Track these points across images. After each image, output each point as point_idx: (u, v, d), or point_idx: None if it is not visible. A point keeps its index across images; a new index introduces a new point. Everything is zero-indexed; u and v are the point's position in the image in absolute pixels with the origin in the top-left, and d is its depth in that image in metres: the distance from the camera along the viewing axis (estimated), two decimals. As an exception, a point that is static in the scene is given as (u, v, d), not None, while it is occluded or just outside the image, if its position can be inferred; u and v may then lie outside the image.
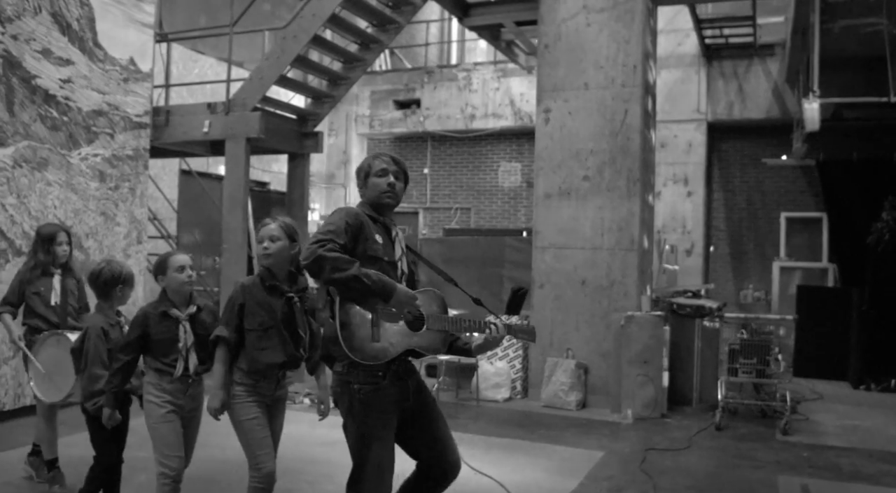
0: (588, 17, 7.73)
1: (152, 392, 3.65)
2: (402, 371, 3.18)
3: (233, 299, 3.53)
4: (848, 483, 5.39)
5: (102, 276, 3.92)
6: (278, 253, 3.55)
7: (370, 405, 3.07)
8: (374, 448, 3.08)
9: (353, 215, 3.17)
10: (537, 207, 8.03)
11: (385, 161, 3.33)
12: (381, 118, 15.86)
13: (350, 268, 2.94)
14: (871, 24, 10.14)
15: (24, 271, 4.94)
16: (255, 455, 3.47)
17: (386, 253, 3.21)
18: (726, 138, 13.80)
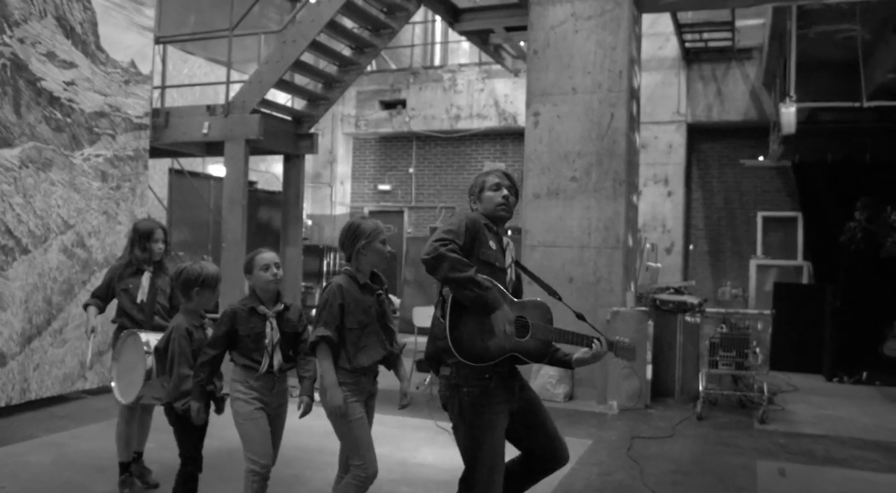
0: (576, 25, 8.03)
1: (240, 389, 3.69)
2: (508, 374, 3.28)
3: (331, 299, 3.51)
4: (821, 467, 5.74)
5: (182, 275, 3.85)
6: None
7: (479, 407, 3.17)
8: (485, 449, 3.17)
9: (472, 219, 3.29)
10: (526, 207, 8.31)
11: (498, 176, 3.44)
12: (366, 118, 16.09)
13: (467, 270, 3.06)
14: (845, 30, 10.55)
15: (117, 266, 4.86)
16: (363, 456, 3.50)
17: (497, 259, 3.31)
18: (705, 140, 14.17)
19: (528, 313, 3.27)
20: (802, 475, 5.52)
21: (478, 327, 3.13)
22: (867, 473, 5.63)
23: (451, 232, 3.17)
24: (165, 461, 4.72)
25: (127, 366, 4.29)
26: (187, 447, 3.83)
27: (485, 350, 3.13)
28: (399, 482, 4.99)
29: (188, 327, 3.78)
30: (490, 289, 3.09)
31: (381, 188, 16.64)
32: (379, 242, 3.61)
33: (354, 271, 3.60)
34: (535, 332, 3.23)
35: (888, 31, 10.44)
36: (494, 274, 3.24)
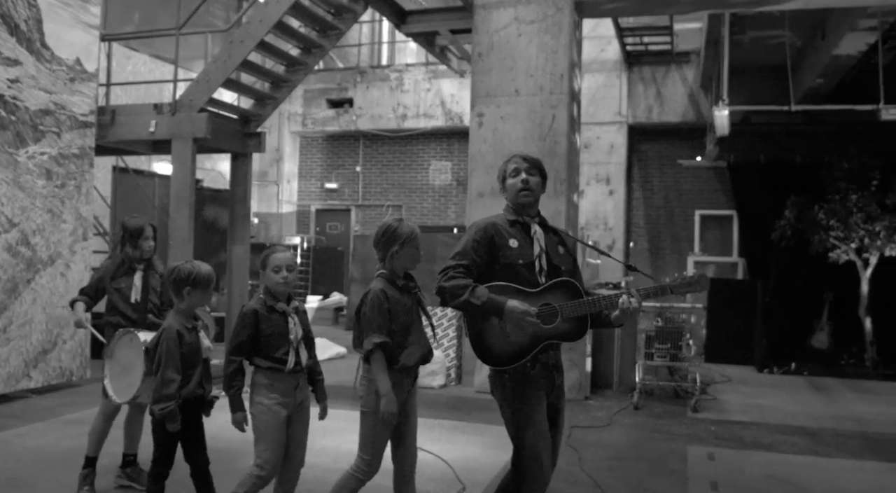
0: (519, 28, 8.26)
1: (263, 393, 3.62)
2: (551, 364, 3.37)
3: (378, 304, 3.48)
4: (748, 451, 6.07)
5: (173, 274, 3.72)
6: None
7: (522, 392, 3.28)
8: (530, 431, 3.26)
9: (480, 231, 3.37)
10: (471, 206, 8.51)
11: (516, 161, 3.47)
12: (313, 116, 16.15)
13: (463, 294, 3.19)
14: (777, 36, 11.01)
15: (107, 265, 4.78)
16: (372, 452, 3.53)
17: (521, 256, 3.34)
18: (646, 140, 14.59)
19: (554, 296, 3.28)
20: (730, 458, 5.84)
21: (499, 332, 3.25)
22: (790, 456, 5.98)
23: (457, 255, 3.32)
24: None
25: (123, 365, 4.23)
26: (163, 448, 3.71)
27: (516, 350, 3.24)
28: (337, 473, 5.13)
29: (179, 329, 3.67)
30: (485, 301, 3.18)
31: (328, 186, 16.71)
32: (413, 247, 3.59)
33: (390, 274, 3.59)
34: (563, 313, 3.26)
35: (817, 38, 10.94)
36: (517, 273, 3.30)
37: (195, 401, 3.72)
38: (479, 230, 3.37)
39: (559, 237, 3.53)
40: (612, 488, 5.00)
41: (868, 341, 10.43)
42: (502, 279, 3.29)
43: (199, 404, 3.75)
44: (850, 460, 5.92)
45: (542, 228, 3.46)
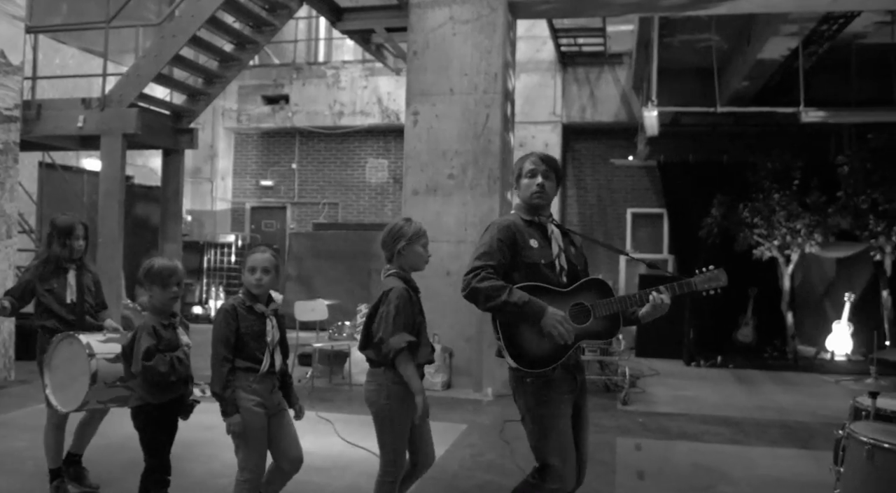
0: (454, 28, 8.35)
1: (243, 397, 3.52)
2: (573, 365, 3.32)
3: (402, 304, 3.47)
4: (674, 441, 6.28)
5: (146, 270, 3.64)
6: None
7: (544, 397, 3.21)
8: (552, 438, 3.19)
9: (503, 229, 3.30)
10: (406, 204, 8.56)
11: (533, 162, 3.40)
12: (248, 113, 15.96)
13: (501, 295, 3.10)
14: (704, 39, 11.34)
15: (36, 265, 4.51)
16: (397, 453, 3.54)
17: (542, 256, 3.31)
18: (579, 139, 14.83)
19: (585, 294, 3.26)
20: (657, 449, 6.03)
21: (534, 334, 3.17)
22: (714, 445, 6.21)
23: (483, 256, 3.23)
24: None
25: (66, 372, 4.06)
26: (155, 453, 3.62)
27: (549, 352, 3.17)
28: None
29: (155, 325, 3.58)
30: (527, 302, 3.11)
31: (263, 184, 16.55)
32: (420, 245, 3.59)
33: (403, 272, 3.60)
34: (596, 312, 3.23)
35: (743, 42, 11.31)
36: (540, 272, 3.26)
37: (174, 402, 3.64)
38: (501, 229, 3.30)
39: (569, 237, 3.50)
40: (543, 479, 5.12)
41: (790, 335, 10.85)
42: (526, 279, 3.24)
43: (177, 405, 3.66)
44: (770, 447, 6.17)
45: (556, 228, 3.43)
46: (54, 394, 4.11)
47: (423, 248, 3.61)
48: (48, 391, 4.13)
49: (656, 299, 3.26)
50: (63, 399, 4.06)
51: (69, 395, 4.02)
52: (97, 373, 3.91)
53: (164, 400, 3.60)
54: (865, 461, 3.36)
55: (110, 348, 4.03)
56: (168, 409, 3.62)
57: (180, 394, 3.66)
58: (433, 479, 5.11)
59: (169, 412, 3.62)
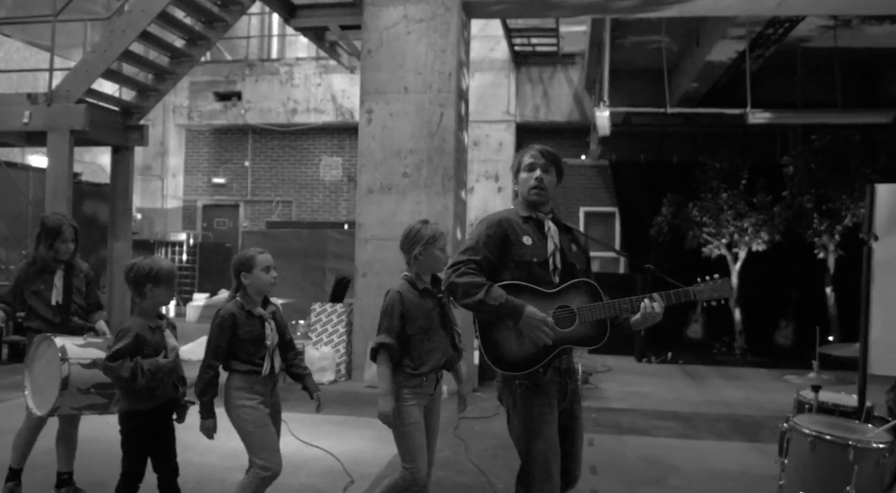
0: (408, 27, 8.35)
1: (244, 396, 3.55)
2: (564, 370, 3.19)
3: (392, 306, 3.48)
4: (626, 436, 6.39)
5: (132, 272, 3.53)
6: None
7: (532, 401, 3.09)
8: (539, 443, 3.07)
9: (494, 225, 3.18)
10: (360, 202, 8.54)
11: (532, 155, 3.28)
12: (200, 109, 15.76)
13: (478, 293, 2.98)
14: (655, 41, 11.51)
15: (22, 267, 4.40)
16: (413, 460, 3.48)
17: (535, 254, 3.17)
18: (533, 138, 14.83)
19: (573, 297, 3.13)
20: (609, 444, 6.12)
21: (514, 336, 3.06)
22: (664, 439, 6.34)
23: (467, 250, 3.13)
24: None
25: (41, 374, 3.97)
26: (133, 460, 3.51)
27: (529, 355, 3.06)
28: (234, 469, 5.10)
29: (139, 331, 3.48)
30: (503, 303, 2.98)
31: (215, 181, 16.36)
32: (437, 248, 3.56)
33: (414, 277, 3.56)
34: (582, 317, 3.09)
35: (692, 45, 11.51)
36: (531, 271, 3.13)
37: (167, 405, 3.57)
38: (491, 225, 3.19)
39: (572, 235, 3.36)
40: (497, 475, 5.16)
41: (737, 331, 11.10)
42: (515, 278, 3.11)
43: (171, 408, 3.59)
44: (719, 441, 6.32)
45: (556, 224, 3.29)
46: (32, 396, 3.99)
47: (440, 251, 3.57)
48: (27, 393, 4.02)
49: (647, 307, 3.09)
50: (39, 402, 3.95)
51: (41, 399, 3.92)
52: (68, 378, 3.77)
53: (151, 406, 3.50)
54: (808, 452, 3.47)
55: (88, 353, 3.88)
56: (158, 415, 3.54)
57: (171, 398, 3.58)
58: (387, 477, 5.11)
59: (158, 418, 3.55)
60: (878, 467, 3.41)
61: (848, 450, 3.35)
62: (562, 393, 3.19)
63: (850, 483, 3.30)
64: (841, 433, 3.47)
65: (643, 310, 3.10)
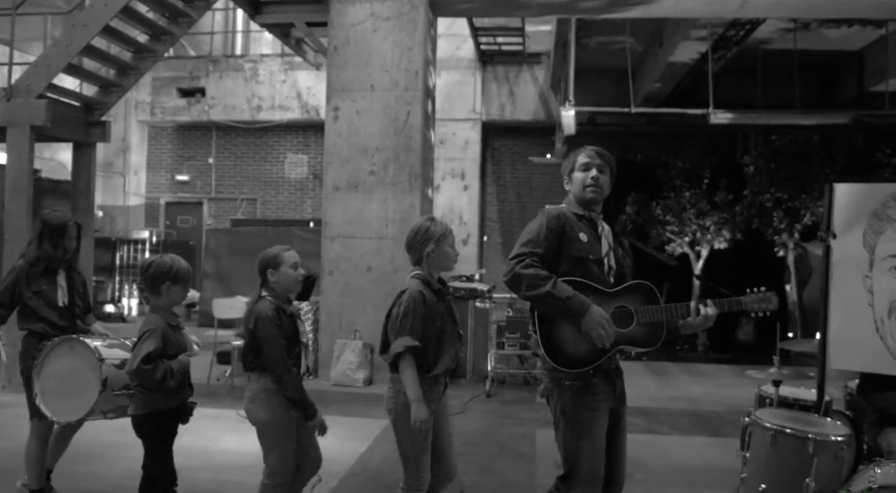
0: (375, 24, 8.34)
1: (276, 401, 3.43)
2: (613, 371, 3.18)
3: (414, 307, 3.33)
4: (590, 433, 6.46)
5: (151, 269, 3.42)
6: None
7: (581, 403, 3.05)
8: (586, 447, 3.03)
9: (553, 218, 3.13)
10: (327, 200, 8.53)
11: (588, 155, 3.25)
12: (163, 106, 15.57)
13: (545, 285, 2.94)
14: (620, 41, 11.64)
15: (22, 266, 4.17)
16: (419, 464, 3.37)
17: (591, 251, 3.14)
18: (499, 137, 15.01)
19: (630, 298, 3.12)
20: (574, 440, 6.19)
21: (572, 332, 3.02)
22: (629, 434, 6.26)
23: (529, 242, 3.07)
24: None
25: (64, 378, 3.80)
26: (162, 463, 3.43)
27: (585, 353, 3.03)
28: (200, 469, 5.08)
29: (164, 328, 3.38)
30: (571, 297, 2.95)
31: (178, 178, 16.17)
32: (447, 245, 3.45)
33: (427, 276, 3.44)
34: (639, 318, 3.10)
35: (656, 45, 11.66)
36: (588, 268, 3.11)
37: (177, 408, 3.48)
38: (551, 218, 3.13)
39: (619, 238, 3.36)
40: (466, 472, 5.18)
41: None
42: (571, 274, 3.07)
43: (179, 410, 3.49)
44: (682, 436, 6.42)
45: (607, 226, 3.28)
46: (46, 404, 3.81)
47: (450, 247, 3.47)
48: (38, 401, 3.83)
49: (704, 313, 3.15)
50: (59, 409, 3.78)
51: (68, 404, 3.76)
52: (108, 379, 3.68)
53: (171, 406, 3.43)
54: (769, 445, 3.54)
55: (116, 354, 3.80)
56: (174, 415, 3.47)
57: (183, 397, 3.50)
58: (355, 475, 5.13)
59: (174, 418, 3.47)
60: (837, 459, 3.49)
61: (807, 443, 3.43)
62: (611, 393, 3.17)
63: (810, 475, 3.38)
64: (801, 426, 3.55)
65: (701, 314, 3.15)
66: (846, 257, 3.90)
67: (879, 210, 3.84)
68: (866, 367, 4.02)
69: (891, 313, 3.80)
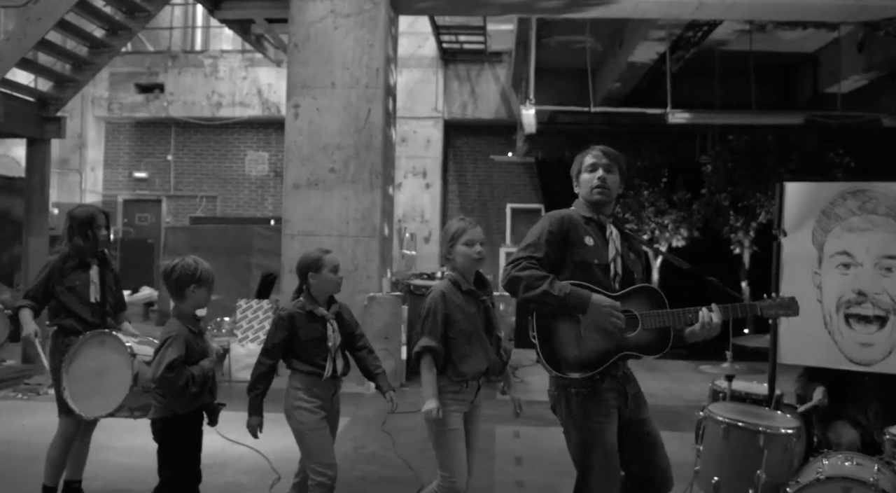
0: (336, 21, 8.31)
1: (303, 398, 3.54)
2: (621, 376, 3.08)
3: (434, 307, 3.34)
4: (550, 428, 6.45)
5: (174, 272, 3.33)
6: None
7: (589, 410, 2.97)
8: (597, 454, 2.94)
9: (556, 222, 3.06)
10: (287, 197, 8.47)
11: (595, 156, 3.18)
12: (120, 101, 15.34)
13: (542, 284, 2.87)
14: (580, 41, 11.73)
15: (55, 261, 4.14)
16: (451, 468, 3.33)
17: (597, 256, 3.06)
18: (461, 135, 15.06)
19: (636, 303, 3.02)
20: (533, 435, 6.26)
21: (571, 336, 2.95)
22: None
23: (528, 247, 3.02)
24: None
25: (93, 374, 3.75)
26: (174, 468, 3.37)
27: (589, 358, 2.95)
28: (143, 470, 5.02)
29: (186, 335, 3.31)
30: (569, 293, 2.88)
31: (136, 176, 15.94)
32: (462, 243, 3.36)
33: (458, 277, 3.39)
34: (644, 323, 3.00)
35: (615, 45, 11.78)
36: (592, 273, 3.02)
37: (201, 409, 3.43)
38: (554, 222, 3.06)
39: (630, 242, 3.28)
40: (425, 468, 5.20)
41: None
42: (575, 278, 2.99)
43: (202, 411, 3.44)
44: (639, 432, 6.50)
45: (617, 229, 3.20)
46: (75, 400, 3.76)
47: (465, 246, 3.37)
48: (67, 396, 3.77)
49: (704, 317, 3.02)
50: (88, 406, 3.75)
51: (96, 400, 3.73)
52: (139, 375, 3.65)
53: (189, 410, 3.38)
54: (722, 438, 3.61)
55: (146, 351, 3.74)
56: (193, 419, 3.41)
57: (207, 402, 3.45)
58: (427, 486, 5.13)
59: (194, 423, 3.42)
60: (787, 451, 3.57)
61: (758, 436, 3.51)
62: (622, 400, 3.08)
63: (761, 467, 3.45)
64: (752, 419, 3.63)
65: (701, 320, 3.01)
66: (796, 254, 3.99)
67: (828, 208, 3.94)
68: (816, 361, 4.12)
69: (838, 309, 3.91)
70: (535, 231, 3.07)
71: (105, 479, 4.76)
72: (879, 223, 3.84)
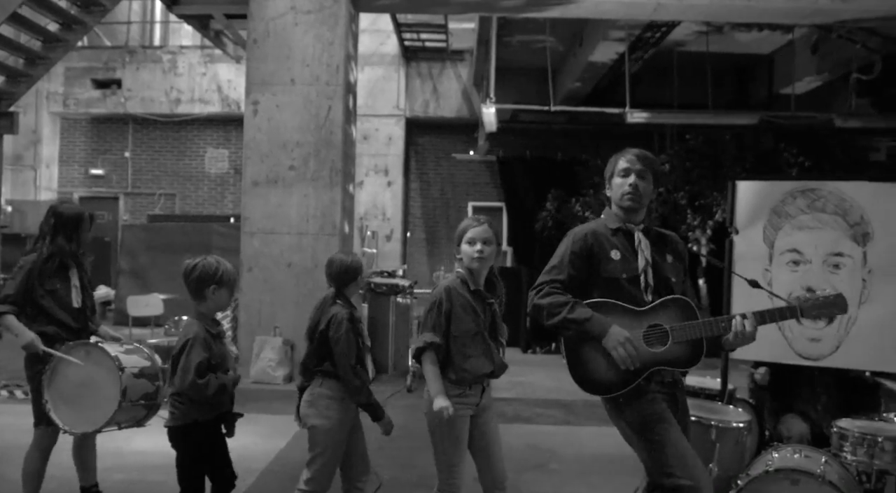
0: (296, 18, 8.26)
1: (335, 408, 3.47)
2: (668, 381, 3.00)
3: (438, 303, 3.26)
4: (511, 424, 6.57)
5: (195, 272, 3.19)
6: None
7: (644, 411, 2.89)
8: (661, 429, 2.86)
9: (579, 240, 3.02)
10: (246, 195, 8.40)
11: (628, 160, 3.06)
12: (76, 97, 15.07)
13: (562, 311, 2.86)
14: (541, 40, 11.81)
15: (34, 261, 3.82)
16: (451, 472, 3.27)
17: (625, 269, 2.99)
18: (423, 133, 15.05)
19: (665, 315, 2.94)
20: (493, 433, 6.28)
21: (600, 357, 2.90)
22: (547, 426, 6.56)
23: (553, 269, 3.00)
24: None
25: (77, 386, 3.58)
26: (193, 478, 3.25)
27: (616, 378, 2.89)
28: (113, 470, 4.95)
29: (206, 337, 3.16)
30: (589, 319, 2.85)
31: (93, 173, 15.68)
32: (465, 242, 3.30)
33: (466, 275, 3.31)
34: (675, 336, 2.90)
35: (576, 45, 11.87)
36: (621, 288, 2.96)
37: (220, 418, 3.30)
38: (577, 240, 3.02)
39: (666, 244, 3.15)
40: (383, 466, 5.21)
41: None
42: (604, 295, 2.95)
43: (221, 421, 3.31)
44: (598, 426, 6.54)
45: (647, 235, 3.09)
46: (58, 414, 3.58)
47: (466, 244, 3.29)
48: (49, 409, 3.58)
49: (737, 326, 2.90)
50: (72, 419, 3.58)
51: (83, 414, 3.57)
52: (126, 390, 3.51)
53: (210, 417, 3.24)
54: (675, 433, 3.68)
55: (134, 362, 3.63)
56: (214, 426, 3.28)
57: (227, 410, 3.33)
58: (273, 472, 5.10)
59: (214, 430, 3.28)
60: (738, 445, 3.66)
61: (710, 430, 3.58)
62: (672, 405, 2.99)
63: (713, 461, 3.53)
64: (704, 414, 3.71)
65: (734, 329, 2.90)
66: (748, 251, 4.07)
67: (778, 206, 4.03)
68: (767, 357, 4.22)
69: (788, 305, 3.98)
70: (559, 252, 3.05)
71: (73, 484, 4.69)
72: (828, 222, 3.94)
